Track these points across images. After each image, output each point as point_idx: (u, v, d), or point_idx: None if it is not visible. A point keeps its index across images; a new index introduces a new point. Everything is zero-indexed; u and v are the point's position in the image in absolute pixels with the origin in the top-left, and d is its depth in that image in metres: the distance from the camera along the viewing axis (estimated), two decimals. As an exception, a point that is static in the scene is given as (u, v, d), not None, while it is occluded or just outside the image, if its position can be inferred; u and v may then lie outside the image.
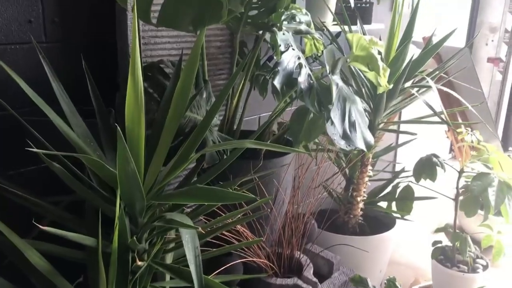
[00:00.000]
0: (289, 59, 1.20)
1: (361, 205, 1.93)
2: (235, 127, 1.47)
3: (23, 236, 1.00)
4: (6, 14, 1.28)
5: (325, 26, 1.74)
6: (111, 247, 0.96)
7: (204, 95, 1.37)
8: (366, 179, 1.89)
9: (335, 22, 1.88)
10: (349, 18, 1.89)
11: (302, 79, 1.20)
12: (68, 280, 1.04)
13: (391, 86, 1.31)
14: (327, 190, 2.06)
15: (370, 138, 1.26)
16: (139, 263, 0.90)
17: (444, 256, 2.01)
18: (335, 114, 1.17)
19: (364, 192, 1.91)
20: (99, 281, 0.97)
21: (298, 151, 1.13)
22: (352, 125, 1.21)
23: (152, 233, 1.15)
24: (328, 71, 1.17)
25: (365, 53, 1.28)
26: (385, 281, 1.37)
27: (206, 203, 1.07)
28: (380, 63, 1.28)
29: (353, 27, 1.99)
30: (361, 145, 1.21)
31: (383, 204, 2.08)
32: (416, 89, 1.66)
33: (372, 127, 1.79)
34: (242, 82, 1.43)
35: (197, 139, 1.11)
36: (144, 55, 1.59)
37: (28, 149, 0.89)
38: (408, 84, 1.72)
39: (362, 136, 1.24)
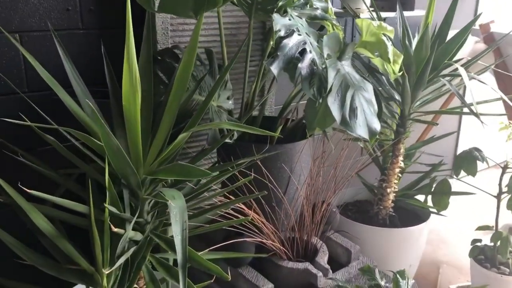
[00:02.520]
0: (292, 44, 1.21)
1: (391, 196, 1.88)
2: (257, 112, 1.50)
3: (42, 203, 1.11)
4: (46, 4, 1.42)
5: (351, 12, 1.70)
6: (103, 215, 1.05)
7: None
8: (397, 170, 1.84)
9: (372, 8, 1.84)
10: (389, 4, 1.84)
11: (304, 64, 1.20)
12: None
13: (399, 73, 1.27)
14: (360, 180, 2.04)
15: (376, 126, 1.24)
16: (115, 229, 0.97)
17: (484, 256, 1.91)
18: (333, 100, 1.16)
19: (395, 183, 1.86)
20: (95, 247, 1.07)
21: (272, 135, 1.11)
22: (353, 111, 1.19)
23: (155, 207, 1.23)
24: (325, 57, 1.16)
25: (375, 39, 1.25)
26: (393, 272, 1.34)
27: (182, 178, 1.12)
28: (390, 49, 1.25)
29: (392, 14, 1.94)
30: (361, 132, 1.20)
31: (421, 198, 2.01)
32: (447, 78, 1.59)
33: (402, 116, 1.74)
34: (259, 68, 1.47)
35: (194, 120, 1.17)
36: (172, 42, 1.67)
37: (20, 122, 0.99)
38: (445, 71, 1.64)
39: (365, 124, 1.22)
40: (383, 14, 1.90)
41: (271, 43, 1.37)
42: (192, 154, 1.61)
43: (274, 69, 1.16)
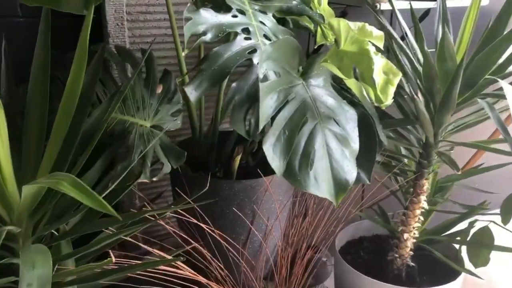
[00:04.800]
0: (231, 53, 0.84)
1: (409, 243, 1.45)
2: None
3: None
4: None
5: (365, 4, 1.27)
6: None
7: (159, 92, 1.08)
8: (418, 211, 1.40)
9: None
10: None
11: (244, 83, 0.83)
12: None
13: (388, 102, 0.84)
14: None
15: (349, 176, 0.84)
16: None
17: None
18: (271, 142, 0.78)
19: (415, 228, 1.43)
20: None
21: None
22: (306, 157, 0.81)
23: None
24: (261, 75, 0.77)
25: (356, 49, 0.84)
26: None
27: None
28: (377, 65, 0.83)
29: (430, 3, 1.47)
30: (317, 189, 0.81)
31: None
32: (488, 99, 1.12)
33: (425, 146, 1.29)
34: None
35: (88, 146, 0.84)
36: (132, 34, 1.34)
37: None
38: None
39: (328, 175, 0.83)
40: (418, 4, 1.43)
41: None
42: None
43: (191, 92, 0.80)
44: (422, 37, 1.18)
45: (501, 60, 1.12)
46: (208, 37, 0.82)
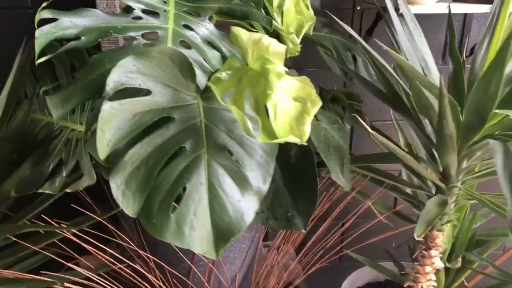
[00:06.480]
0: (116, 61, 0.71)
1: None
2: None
3: None
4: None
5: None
6: None
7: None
8: (429, 269, 1.11)
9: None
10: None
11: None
12: None
13: (305, 138, 0.62)
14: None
15: (235, 225, 0.67)
16: None
17: None
18: (121, 180, 0.64)
19: (426, 289, 1.14)
20: None
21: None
22: (171, 197, 0.65)
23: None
24: (110, 90, 0.62)
25: (258, 67, 0.65)
26: None
27: None
28: (285, 90, 0.64)
29: (483, 8, 1.18)
30: (178, 238, 0.65)
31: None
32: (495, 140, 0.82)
33: (444, 181, 1.01)
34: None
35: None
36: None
37: None
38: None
39: (206, 222, 0.66)
40: (457, 8, 1.12)
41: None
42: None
43: (56, 105, 0.69)
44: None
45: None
46: (82, 41, 0.70)
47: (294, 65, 1.47)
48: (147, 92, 0.66)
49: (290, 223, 0.81)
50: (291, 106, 0.66)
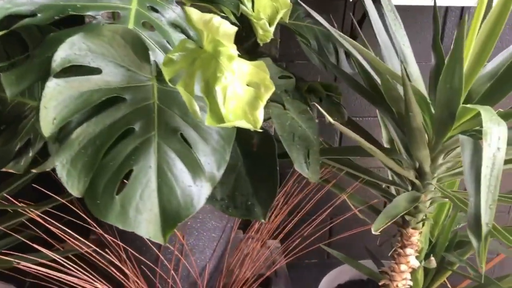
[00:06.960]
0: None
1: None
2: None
3: None
4: None
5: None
6: None
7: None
8: (404, 267, 1.09)
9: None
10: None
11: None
12: None
13: (259, 124, 0.60)
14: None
15: (184, 209, 0.65)
16: None
17: None
18: (70, 152, 0.63)
19: None
20: None
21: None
22: (116, 178, 0.64)
23: None
24: (57, 67, 0.62)
25: (211, 49, 0.64)
26: None
27: None
28: (236, 73, 0.62)
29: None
30: (123, 220, 0.64)
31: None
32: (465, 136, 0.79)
33: (419, 177, 0.98)
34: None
35: None
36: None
37: None
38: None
39: (153, 206, 0.65)
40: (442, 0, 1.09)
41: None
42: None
43: (10, 83, 0.68)
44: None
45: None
46: (38, 19, 0.69)
47: (284, 56, 1.45)
48: (97, 71, 0.65)
49: (250, 212, 0.80)
50: (243, 91, 0.64)
